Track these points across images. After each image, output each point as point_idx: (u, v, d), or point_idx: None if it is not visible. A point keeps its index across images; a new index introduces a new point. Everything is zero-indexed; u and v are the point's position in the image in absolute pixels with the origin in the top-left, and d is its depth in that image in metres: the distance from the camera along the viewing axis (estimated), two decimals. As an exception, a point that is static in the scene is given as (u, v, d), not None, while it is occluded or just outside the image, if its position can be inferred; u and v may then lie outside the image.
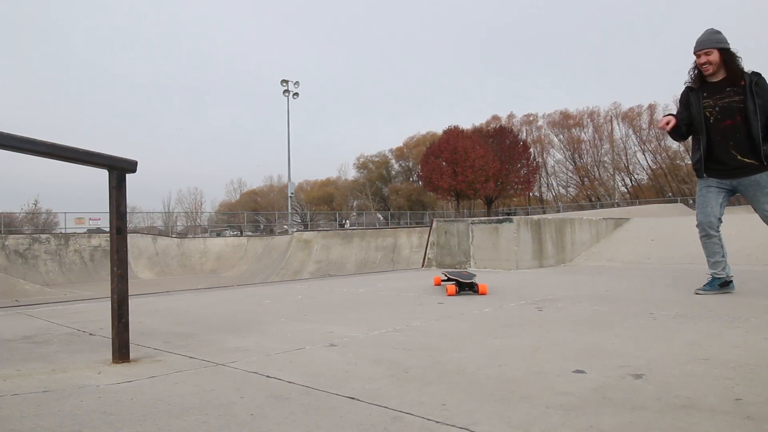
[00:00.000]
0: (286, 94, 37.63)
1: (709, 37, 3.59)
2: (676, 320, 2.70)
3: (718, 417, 1.35)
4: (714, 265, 3.75)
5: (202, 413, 1.48)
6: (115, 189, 2.15)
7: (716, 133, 3.59)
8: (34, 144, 1.88)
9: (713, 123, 3.59)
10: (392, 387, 1.68)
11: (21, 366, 2.08)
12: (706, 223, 3.72)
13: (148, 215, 51.21)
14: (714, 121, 3.58)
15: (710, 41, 3.57)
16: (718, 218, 3.72)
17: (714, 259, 3.76)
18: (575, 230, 8.00)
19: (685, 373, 1.74)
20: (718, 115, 3.56)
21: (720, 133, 3.57)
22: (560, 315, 3.03)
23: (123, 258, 2.16)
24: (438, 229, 7.58)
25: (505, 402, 1.51)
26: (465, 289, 4.07)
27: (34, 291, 15.45)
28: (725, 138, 3.55)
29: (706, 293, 3.68)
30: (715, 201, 3.70)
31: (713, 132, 3.61)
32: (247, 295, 4.58)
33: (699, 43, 3.60)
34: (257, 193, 68.19)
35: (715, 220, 3.71)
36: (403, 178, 65.51)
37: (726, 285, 3.74)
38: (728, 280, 3.74)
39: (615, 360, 1.94)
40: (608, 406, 1.45)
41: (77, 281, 21.59)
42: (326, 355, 2.16)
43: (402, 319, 3.01)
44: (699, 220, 3.78)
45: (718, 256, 3.74)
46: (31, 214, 40.96)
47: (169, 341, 2.52)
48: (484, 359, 2.02)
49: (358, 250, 20.50)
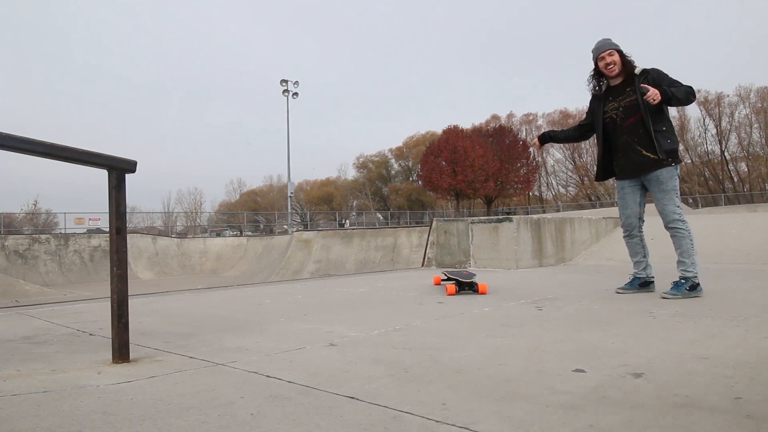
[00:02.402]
0: (286, 94, 37.64)
1: (607, 41, 3.74)
2: (676, 319, 2.70)
3: (717, 416, 1.35)
4: (636, 265, 3.87)
5: (202, 413, 1.48)
6: (114, 189, 2.15)
7: (623, 132, 3.69)
8: (33, 144, 1.88)
9: (619, 123, 3.70)
10: (392, 386, 1.68)
11: (21, 366, 2.08)
12: (628, 224, 3.86)
13: (147, 215, 51.31)
14: (620, 121, 3.69)
15: (609, 44, 3.70)
16: (639, 218, 3.82)
17: (636, 259, 3.88)
18: (575, 229, 8.00)
19: (685, 372, 1.74)
20: (622, 115, 3.67)
21: (626, 132, 3.67)
22: (560, 314, 3.03)
23: (123, 258, 2.16)
24: (438, 229, 7.58)
25: (505, 401, 1.51)
26: (465, 289, 4.07)
27: (33, 291, 15.45)
28: (630, 135, 3.65)
29: (625, 292, 3.79)
30: (632, 201, 3.80)
31: (621, 133, 3.71)
32: (246, 295, 4.58)
33: (600, 47, 3.73)
34: (257, 192, 68.20)
35: (636, 220, 3.82)
36: (402, 178, 65.50)
37: (646, 285, 3.82)
38: (649, 280, 3.83)
39: (615, 359, 1.94)
40: (608, 405, 1.45)
41: (77, 281, 21.59)
42: (326, 355, 2.16)
43: (402, 318, 3.01)
44: (622, 222, 3.92)
45: (639, 256, 3.85)
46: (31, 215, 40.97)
47: (169, 341, 2.52)
48: (483, 358, 2.02)
49: (357, 249, 20.49)
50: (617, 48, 3.68)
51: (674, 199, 3.55)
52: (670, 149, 3.52)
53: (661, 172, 3.55)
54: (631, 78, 3.65)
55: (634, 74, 3.62)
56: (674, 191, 3.55)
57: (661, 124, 3.55)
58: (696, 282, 3.47)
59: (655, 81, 3.50)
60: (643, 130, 3.57)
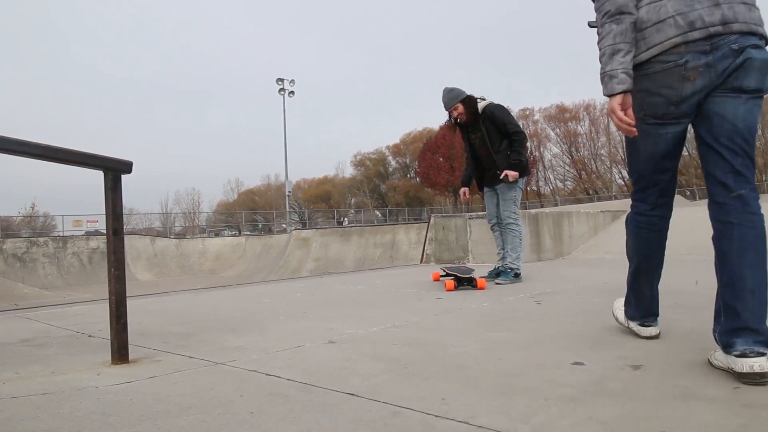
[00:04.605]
0: (282, 92, 37.55)
1: (449, 96, 4.47)
2: (674, 310, 2.71)
3: (716, 405, 1.35)
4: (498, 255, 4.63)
5: (202, 412, 1.48)
6: (110, 190, 2.15)
7: (479, 157, 4.58)
8: (27, 146, 1.87)
9: (478, 149, 4.57)
10: (392, 382, 1.69)
11: (20, 369, 2.08)
12: (488, 219, 4.73)
13: (146, 216, 51.06)
14: (478, 148, 4.56)
15: (451, 100, 4.45)
16: (496, 217, 4.62)
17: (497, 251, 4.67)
18: (573, 223, 8.01)
19: (684, 363, 1.75)
20: (478, 145, 4.55)
21: (483, 158, 4.56)
22: (559, 308, 3.04)
23: (120, 259, 2.16)
24: (436, 225, 7.58)
25: (504, 395, 1.51)
26: (464, 284, 4.08)
27: (33, 294, 15.41)
28: (485, 160, 4.54)
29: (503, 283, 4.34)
30: (491, 204, 4.64)
31: (478, 156, 4.59)
32: (245, 294, 4.58)
33: (444, 104, 4.50)
34: (255, 192, 68.08)
35: (494, 218, 4.64)
36: (400, 175, 65.45)
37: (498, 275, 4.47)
38: (501, 270, 4.50)
39: (614, 351, 1.95)
40: (607, 397, 1.45)
41: (76, 284, 21.53)
42: (325, 352, 2.16)
43: (401, 314, 3.02)
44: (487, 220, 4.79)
45: (498, 248, 4.64)
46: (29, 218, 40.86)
47: (169, 341, 2.52)
48: (483, 353, 2.03)
49: (356, 247, 20.49)
50: (458, 101, 4.42)
51: (512, 206, 4.48)
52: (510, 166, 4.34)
53: (502, 186, 4.46)
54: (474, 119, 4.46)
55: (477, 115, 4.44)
56: (512, 200, 4.47)
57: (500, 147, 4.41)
58: (518, 272, 4.41)
59: (490, 119, 4.38)
60: (491, 160, 4.47)
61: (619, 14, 1.73)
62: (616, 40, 1.73)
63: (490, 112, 4.40)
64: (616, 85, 1.72)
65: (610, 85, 1.73)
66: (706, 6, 1.68)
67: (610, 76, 1.73)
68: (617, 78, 1.72)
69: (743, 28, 1.66)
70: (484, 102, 4.46)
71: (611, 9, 1.74)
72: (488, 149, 4.43)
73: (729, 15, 1.66)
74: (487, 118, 4.39)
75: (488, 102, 4.47)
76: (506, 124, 4.38)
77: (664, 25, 1.72)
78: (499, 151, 4.39)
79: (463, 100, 4.43)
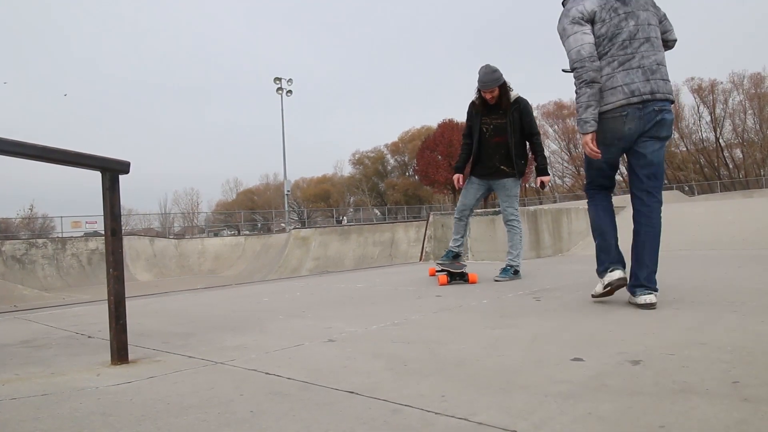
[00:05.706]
0: (280, 92, 37.49)
1: (491, 77, 4.26)
2: (674, 306, 2.71)
3: (715, 400, 1.36)
4: (454, 241, 4.57)
5: (202, 412, 1.48)
6: (108, 191, 2.14)
7: (488, 147, 4.40)
8: (24, 147, 1.87)
9: (488, 137, 4.40)
10: (391, 380, 1.69)
11: (19, 370, 2.08)
12: (461, 210, 4.59)
13: (144, 217, 50.92)
14: (488, 136, 4.40)
15: (493, 81, 4.25)
16: (471, 208, 4.58)
17: (456, 236, 4.59)
18: (572, 220, 8.02)
19: (683, 358, 1.75)
20: (492, 132, 4.39)
21: (491, 147, 4.39)
22: (558, 304, 3.04)
23: (119, 259, 2.16)
24: (435, 223, 7.58)
25: (504, 392, 1.51)
26: (456, 279, 4.27)
27: (32, 296, 15.37)
28: (495, 150, 4.38)
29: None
30: (473, 194, 4.53)
31: (486, 146, 4.41)
32: (245, 294, 4.58)
33: (484, 83, 4.28)
34: (254, 191, 68.01)
35: (469, 210, 4.59)
36: (399, 173, 65.42)
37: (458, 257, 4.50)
38: (459, 253, 4.55)
39: (613, 347, 1.95)
40: (606, 393, 1.45)
41: (76, 285, 21.50)
42: (325, 351, 2.16)
43: (400, 312, 3.02)
44: (457, 206, 4.66)
45: (459, 235, 4.59)
46: (27, 219, 40.78)
47: (168, 341, 2.52)
48: (482, 350, 2.03)
49: (355, 245, 20.48)
50: (498, 84, 4.26)
51: (515, 203, 4.46)
52: (523, 170, 4.38)
53: (509, 181, 4.41)
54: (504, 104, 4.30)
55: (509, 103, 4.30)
56: (515, 197, 4.46)
57: (521, 149, 4.36)
58: (518, 269, 4.34)
59: (520, 112, 4.31)
60: (505, 150, 4.35)
61: (593, 82, 2.67)
62: (589, 99, 2.67)
63: (524, 105, 4.33)
64: (588, 128, 2.69)
65: (585, 127, 2.70)
66: (642, 80, 2.65)
67: (585, 122, 2.69)
68: (589, 123, 2.69)
69: (662, 97, 2.65)
70: (515, 93, 4.36)
71: (587, 79, 2.67)
72: (505, 138, 4.31)
73: (655, 87, 2.64)
74: (519, 109, 4.30)
75: (518, 94, 4.36)
76: (532, 123, 4.38)
77: (615, 91, 2.68)
78: (520, 154, 4.33)
79: (503, 84, 4.29)
